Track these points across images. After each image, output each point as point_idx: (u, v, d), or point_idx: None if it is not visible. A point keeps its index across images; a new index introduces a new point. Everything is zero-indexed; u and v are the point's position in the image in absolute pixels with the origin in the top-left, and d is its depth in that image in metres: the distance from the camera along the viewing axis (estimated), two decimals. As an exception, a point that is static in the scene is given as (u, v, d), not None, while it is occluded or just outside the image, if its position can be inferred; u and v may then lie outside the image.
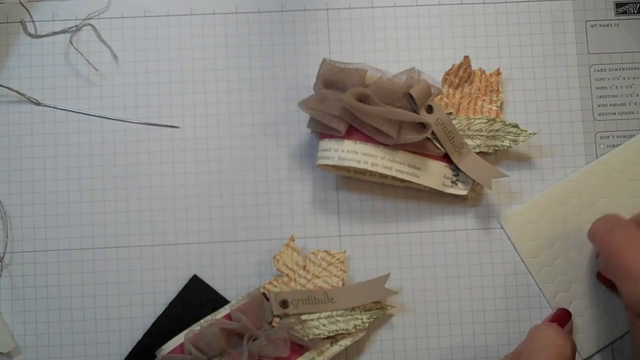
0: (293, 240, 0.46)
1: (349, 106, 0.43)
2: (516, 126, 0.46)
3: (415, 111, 0.44)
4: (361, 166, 0.43)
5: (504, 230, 0.47)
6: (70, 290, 0.46)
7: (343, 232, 0.47)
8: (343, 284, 0.45)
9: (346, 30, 0.49)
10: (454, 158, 0.45)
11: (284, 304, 0.44)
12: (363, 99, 0.43)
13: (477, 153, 0.46)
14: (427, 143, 0.45)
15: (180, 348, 0.43)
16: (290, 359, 0.44)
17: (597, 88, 0.49)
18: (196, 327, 0.44)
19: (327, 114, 0.44)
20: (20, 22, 0.48)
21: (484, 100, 0.47)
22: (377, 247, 0.47)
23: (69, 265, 0.47)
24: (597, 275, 0.46)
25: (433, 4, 0.49)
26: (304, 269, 0.45)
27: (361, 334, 0.45)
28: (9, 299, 0.46)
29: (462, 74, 0.47)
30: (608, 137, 0.48)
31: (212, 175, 0.48)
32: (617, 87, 0.48)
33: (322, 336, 0.44)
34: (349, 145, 0.44)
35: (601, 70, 0.49)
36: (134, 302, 0.46)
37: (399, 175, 0.44)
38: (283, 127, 0.48)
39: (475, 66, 0.48)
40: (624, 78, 0.49)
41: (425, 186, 0.45)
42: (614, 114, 0.48)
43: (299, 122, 0.48)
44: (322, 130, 0.45)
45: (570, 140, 0.48)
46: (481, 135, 0.46)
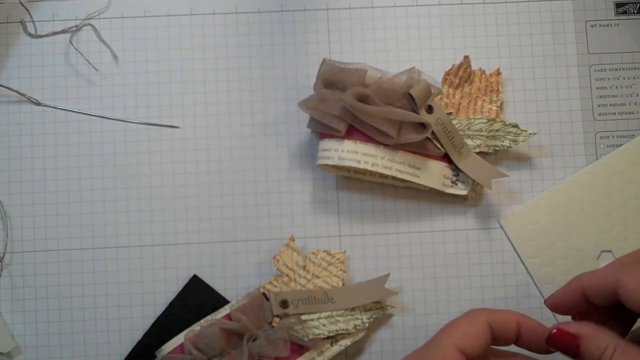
0: (293, 240, 0.46)
1: (349, 106, 0.43)
2: (516, 126, 0.46)
3: (415, 111, 0.44)
4: (361, 166, 0.43)
5: (504, 230, 0.47)
6: (70, 290, 0.46)
7: (343, 232, 0.47)
8: (343, 284, 0.45)
9: (346, 30, 0.49)
10: (454, 158, 0.45)
11: (284, 304, 0.44)
12: (363, 99, 0.43)
13: (477, 153, 0.46)
14: (427, 143, 0.45)
15: (180, 348, 0.43)
16: (290, 359, 0.44)
17: (597, 88, 0.49)
18: (196, 327, 0.44)
19: (327, 114, 0.44)
20: (20, 22, 0.48)
21: (484, 100, 0.47)
22: (377, 247, 0.47)
23: (69, 265, 0.47)
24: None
25: (433, 4, 0.49)
26: (304, 269, 0.45)
27: (361, 334, 0.45)
28: (9, 299, 0.46)
29: (462, 74, 0.47)
30: (608, 137, 0.48)
31: (212, 175, 0.48)
32: (617, 87, 0.48)
33: (322, 336, 0.44)
34: (349, 145, 0.44)
35: (601, 70, 0.49)
36: (134, 302, 0.46)
37: (399, 175, 0.44)
38: (283, 127, 0.48)
39: (475, 66, 0.48)
40: (624, 78, 0.49)
41: (425, 186, 0.45)
42: (614, 114, 0.48)
43: (299, 122, 0.48)
44: (322, 130, 0.45)
45: (570, 140, 0.48)
46: (481, 135, 0.46)
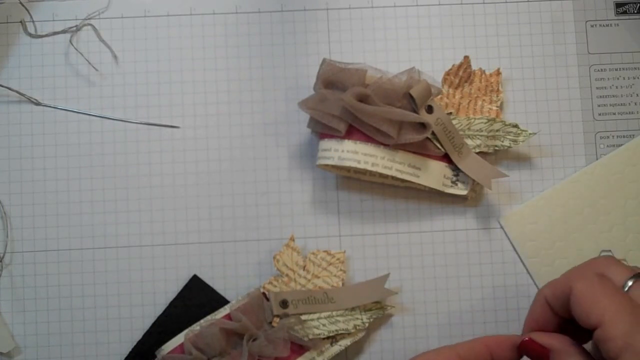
0: (293, 240, 0.46)
1: (349, 106, 0.43)
2: (516, 126, 0.46)
3: (415, 111, 0.44)
4: (361, 166, 0.43)
5: (504, 230, 0.47)
6: (70, 290, 0.46)
7: (343, 232, 0.47)
8: (343, 284, 0.45)
9: (346, 30, 0.49)
10: (454, 158, 0.45)
11: (284, 304, 0.44)
12: (363, 99, 0.43)
13: (477, 153, 0.46)
14: (427, 143, 0.45)
15: (180, 348, 0.43)
16: (290, 359, 0.44)
17: (597, 88, 0.49)
18: (196, 327, 0.44)
19: (327, 114, 0.44)
20: (20, 22, 0.48)
21: (484, 100, 0.47)
22: (377, 247, 0.47)
23: (69, 265, 0.47)
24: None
25: (433, 4, 0.49)
26: (304, 269, 0.45)
27: (361, 334, 0.45)
28: (9, 299, 0.46)
29: (462, 74, 0.47)
30: (608, 137, 0.48)
31: (212, 175, 0.48)
32: (617, 87, 0.48)
33: (322, 336, 0.44)
34: (349, 145, 0.44)
35: (601, 70, 0.49)
36: (134, 302, 0.46)
37: (399, 175, 0.44)
38: (283, 127, 0.48)
39: (475, 66, 0.48)
40: (624, 78, 0.49)
41: (425, 186, 0.45)
42: (614, 114, 0.48)
43: (299, 122, 0.48)
44: (322, 130, 0.45)
45: (570, 140, 0.48)
46: (481, 135, 0.46)
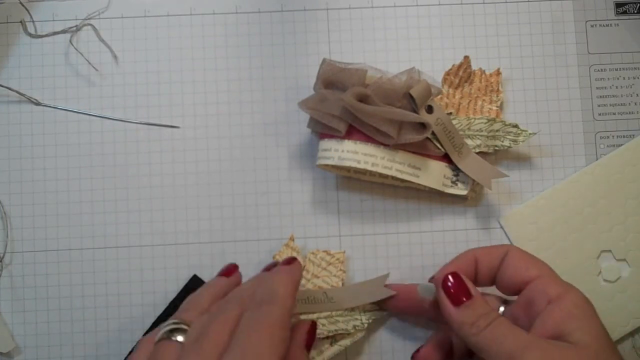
0: (293, 240, 0.46)
1: (349, 106, 0.43)
2: (516, 126, 0.46)
3: (415, 111, 0.44)
4: (361, 166, 0.43)
5: (504, 230, 0.47)
6: (70, 290, 0.46)
7: (343, 232, 0.47)
8: (343, 284, 0.45)
9: (346, 30, 0.49)
10: (454, 158, 0.45)
11: None
12: (363, 99, 0.43)
13: (477, 153, 0.46)
14: (427, 143, 0.45)
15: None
16: None
17: (597, 88, 0.48)
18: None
19: (327, 114, 0.44)
20: (20, 22, 0.48)
21: (484, 100, 0.47)
22: (377, 247, 0.47)
23: (69, 265, 0.47)
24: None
25: (433, 4, 0.49)
26: (303, 269, 0.45)
27: (360, 335, 0.45)
28: (9, 299, 0.46)
29: (462, 74, 0.47)
30: (608, 137, 0.48)
31: (212, 175, 0.48)
32: (617, 87, 0.48)
33: (322, 336, 0.44)
34: (349, 145, 0.44)
35: (601, 70, 0.49)
36: (134, 302, 0.46)
37: (399, 175, 0.44)
38: (283, 127, 0.48)
39: (475, 66, 0.48)
40: (624, 78, 0.49)
41: (425, 186, 0.45)
42: (614, 114, 0.48)
43: (299, 122, 0.48)
44: (322, 130, 0.45)
45: (570, 140, 0.48)
46: (481, 135, 0.46)
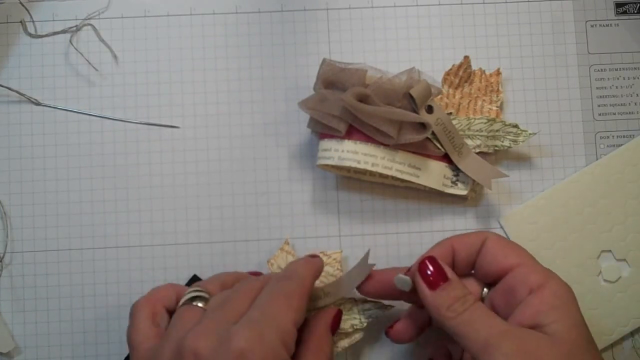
0: (288, 244, 0.46)
1: (349, 106, 0.43)
2: (516, 126, 0.46)
3: (415, 111, 0.44)
4: (361, 166, 0.43)
5: (504, 230, 0.47)
6: (70, 290, 0.46)
7: (343, 232, 0.47)
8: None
9: (346, 30, 0.49)
10: (454, 158, 0.45)
11: None
12: (363, 99, 0.43)
13: (477, 153, 0.46)
14: (427, 143, 0.45)
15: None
16: None
17: (597, 88, 0.49)
18: None
19: (327, 114, 0.44)
20: (20, 22, 0.48)
21: (484, 100, 0.47)
22: (377, 247, 0.47)
23: (69, 265, 0.47)
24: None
25: (433, 4, 0.49)
26: None
27: (359, 336, 0.44)
28: (9, 299, 0.46)
29: (462, 74, 0.47)
30: (608, 137, 0.48)
31: (212, 175, 0.48)
32: (617, 87, 0.48)
33: None
34: (349, 145, 0.44)
35: (601, 70, 0.49)
36: (134, 302, 0.46)
37: (399, 175, 0.44)
38: (283, 127, 0.48)
39: (475, 66, 0.48)
40: (624, 78, 0.49)
41: (425, 186, 0.45)
42: (614, 114, 0.48)
43: (299, 122, 0.48)
44: (322, 130, 0.45)
45: (570, 140, 0.48)
46: (481, 135, 0.46)
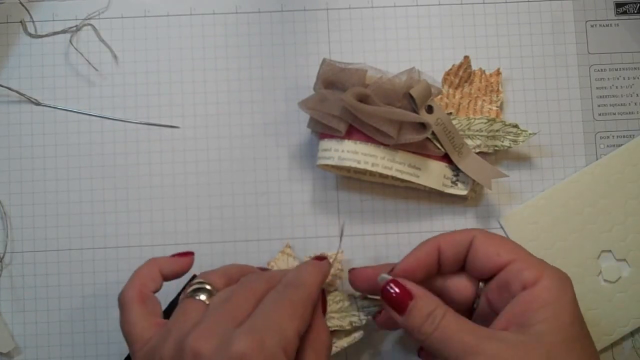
0: (289, 247, 0.46)
1: (349, 106, 0.43)
2: (516, 126, 0.46)
3: (415, 111, 0.44)
4: (361, 166, 0.43)
5: (504, 230, 0.47)
6: (70, 290, 0.46)
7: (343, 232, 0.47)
8: (342, 283, 0.45)
9: (346, 30, 0.49)
10: (454, 158, 0.45)
11: None
12: (363, 99, 0.43)
13: (477, 153, 0.46)
14: (427, 143, 0.45)
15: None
16: None
17: (597, 88, 0.49)
18: None
19: (327, 114, 0.44)
20: (20, 22, 0.48)
21: (484, 100, 0.47)
22: (377, 247, 0.47)
23: (69, 265, 0.47)
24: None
25: (433, 4, 0.49)
26: None
27: (359, 336, 0.44)
28: (9, 299, 0.46)
29: (462, 74, 0.47)
30: (608, 137, 0.48)
31: (212, 175, 0.48)
32: (617, 87, 0.48)
33: None
34: (349, 145, 0.44)
35: (601, 70, 0.49)
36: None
37: (399, 175, 0.44)
38: (283, 127, 0.48)
39: (475, 66, 0.48)
40: (624, 78, 0.49)
41: (425, 186, 0.45)
42: (614, 114, 0.48)
43: (299, 122, 0.48)
44: (322, 130, 0.45)
45: (570, 140, 0.48)
46: (481, 135, 0.46)
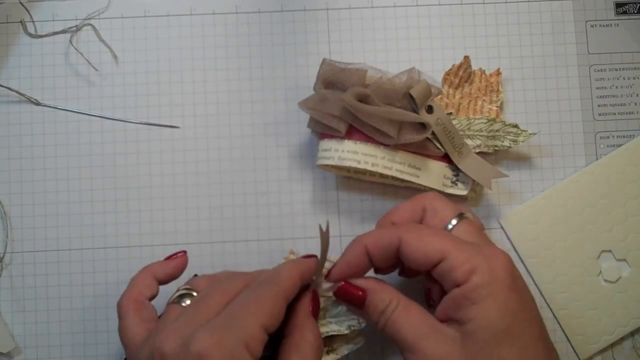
0: (293, 253, 0.46)
1: (349, 106, 0.43)
2: (516, 126, 0.46)
3: (415, 111, 0.44)
4: (361, 166, 0.43)
5: (504, 230, 0.47)
6: (70, 290, 0.46)
7: (343, 232, 0.47)
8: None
9: (346, 30, 0.49)
10: (454, 158, 0.45)
11: None
12: (363, 99, 0.43)
13: (477, 153, 0.46)
14: (427, 143, 0.45)
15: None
16: None
17: (597, 88, 0.49)
18: None
19: (327, 114, 0.44)
20: (20, 22, 0.48)
21: (484, 100, 0.47)
22: (377, 247, 0.47)
23: (69, 265, 0.47)
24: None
25: (433, 4, 0.49)
26: None
27: (360, 342, 0.42)
28: (9, 299, 0.46)
29: (462, 74, 0.47)
30: (608, 137, 0.48)
31: (212, 175, 0.48)
32: (617, 87, 0.48)
33: None
34: (349, 145, 0.44)
35: (601, 70, 0.49)
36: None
37: (399, 176, 0.44)
38: (283, 127, 0.48)
39: (475, 66, 0.48)
40: (624, 78, 0.49)
41: (425, 186, 0.45)
42: (614, 114, 0.48)
43: (299, 122, 0.48)
44: (322, 130, 0.45)
45: (570, 140, 0.48)
46: (481, 135, 0.46)
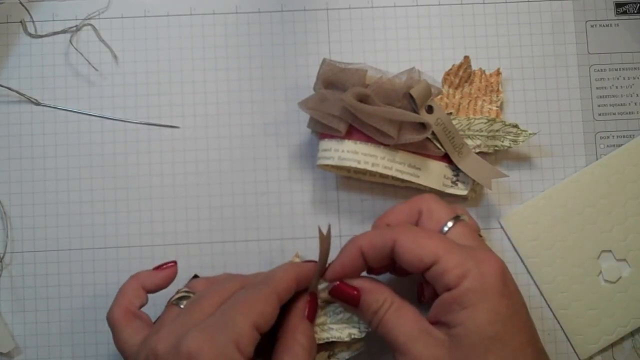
0: (298, 256, 0.46)
1: (349, 106, 0.43)
2: (516, 126, 0.46)
3: (415, 111, 0.44)
4: (361, 166, 0.43)
5: (504, 230, 0.47)
6: (70, 290, 0.46)
7: (343, 232, 0.47)
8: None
9: (346, 30, 0.49)
10: (454, 158, 0.45)
11: None
12: (363, 99, 0.43)
13: (477, 153, 0.46)
14: (427, 143, 0.45)
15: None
16: None
17: (597, 88, 0.49)
18: None
19: (327, 114, 0.44)
20: (20, 22, 0.48)
21: (484, 100, 0.47)
22: (377, 247, 0.47)
23: (69, 265, 0.47)
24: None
25: (433, 4, 0.49)
26: None
27: (361, 347, 0.42)
28: (9, 299, 0.46)
29: (462, 74, 0.47)
30: (608, 137, 0.48)
31: (212, 175, 0.48)
32: (617, 87, 0.48)
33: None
34: (349, 145, 0.44)
35: (601, 70, 0.49)
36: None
37: (399, 176, 0.44)
38: (283, 127, 0.48)
39: (475, 66, 0.48)
40: (624, 78, 0.49)
41: (426, 186, 0.45)
42: (614, 114, 0.48)
43: (299, 122, 0.48)
44: (322, 130, 0.45)
45: (570, 140, 0.48)
46: (481, 136, 0.46)
